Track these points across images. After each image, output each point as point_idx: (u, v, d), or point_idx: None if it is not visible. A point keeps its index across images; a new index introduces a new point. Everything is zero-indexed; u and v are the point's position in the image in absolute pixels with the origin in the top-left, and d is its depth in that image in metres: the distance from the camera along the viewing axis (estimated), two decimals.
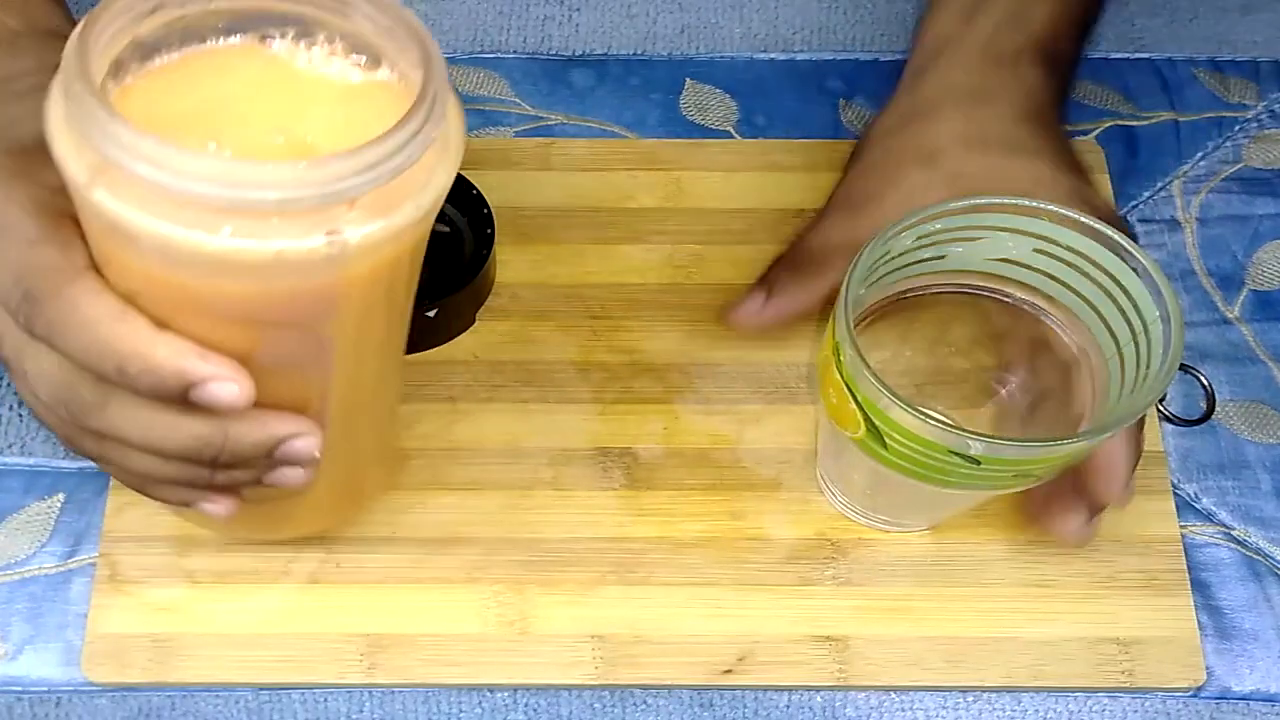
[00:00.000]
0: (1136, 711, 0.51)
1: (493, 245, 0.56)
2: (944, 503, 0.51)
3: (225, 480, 0.39)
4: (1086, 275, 0.46)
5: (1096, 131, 0.63)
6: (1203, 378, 0.57)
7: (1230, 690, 0.51)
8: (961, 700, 0.51)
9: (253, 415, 0.37)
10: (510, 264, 0.58)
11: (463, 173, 0.46)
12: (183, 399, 0.35)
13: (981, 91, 0.54)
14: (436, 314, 0.55)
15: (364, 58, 0.37)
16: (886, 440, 0.44)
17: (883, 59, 0.65)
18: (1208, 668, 0.51)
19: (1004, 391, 0.51)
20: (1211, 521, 0.54)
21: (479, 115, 0.63)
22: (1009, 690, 0.51)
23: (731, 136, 0.63)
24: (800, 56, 0.65)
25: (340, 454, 0.43)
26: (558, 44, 0.65)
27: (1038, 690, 0.51)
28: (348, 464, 0.46)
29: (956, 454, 0.43)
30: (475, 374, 0.56)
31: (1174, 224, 0.61)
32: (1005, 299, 0.48)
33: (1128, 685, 0.50)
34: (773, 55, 0.66)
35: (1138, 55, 0.66)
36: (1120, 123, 0.63)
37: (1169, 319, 0.43)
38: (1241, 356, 0.58)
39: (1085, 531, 0.50)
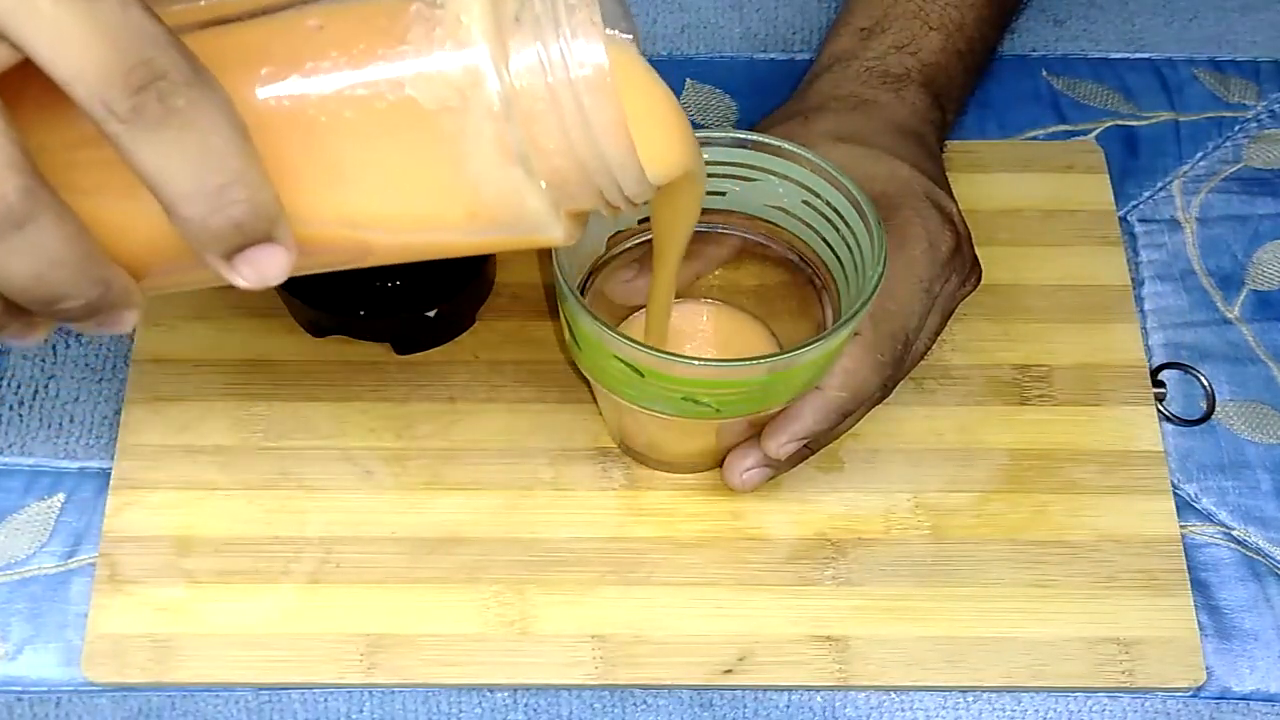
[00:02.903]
0: (1136, 711, 0.51)
1: None
2: (675, 434, 0.51)
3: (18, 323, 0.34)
4: (835, 228, 0.46)
5: (1096, 131, 0.63)
6: (1203, 378, 0.57)
7: (1230, 690, 0.51)
8: (961, 700, 0.51)
9: (130, 283, 0.33)
10: (510, 264, 0.58)
11: None
12: (231, 251, 0.31)
13: (862, 102, 0.55)
14: (436, 314, 0.54)
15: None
16: (581, 344, 0.45)
17: None
18: (1208, 668, 0.51)
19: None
20: (1211, 521, 0.54)
21: None
22: (1009, 690, 0.51)
23: None
24: (800, 56, 0.65)
25: None
26: None
27: (1038, 690, 0.51)
28: None
29: (621, 360, 0.43)
30: (475, 374, 0.56)
31: (1174, 224, 0.61)
32: (774, 248, 0.49)
33: (1128, 685, 0.50)
34: (773, 55, 0.66)
35: (1138, 55, 0.66)
36: (1120, 123, 0.63)
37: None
38: (1241, 356, 0.58)
39: (748, 476, 0.51)
